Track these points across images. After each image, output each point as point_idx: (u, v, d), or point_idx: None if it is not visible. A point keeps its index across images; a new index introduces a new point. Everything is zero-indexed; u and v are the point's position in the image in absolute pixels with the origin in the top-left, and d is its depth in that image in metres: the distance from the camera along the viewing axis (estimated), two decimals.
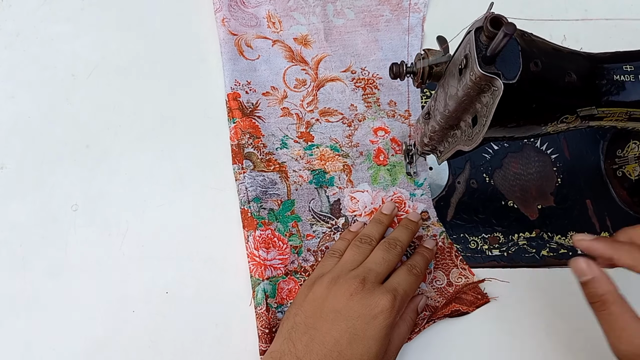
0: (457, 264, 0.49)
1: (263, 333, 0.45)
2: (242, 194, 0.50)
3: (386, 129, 0.54)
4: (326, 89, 0.56)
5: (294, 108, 0.55)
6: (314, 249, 0.50)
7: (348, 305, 0.40)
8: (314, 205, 0.51)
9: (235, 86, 0.54)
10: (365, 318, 0.40)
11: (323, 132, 0.54)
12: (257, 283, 0.47)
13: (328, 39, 0.58)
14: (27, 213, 0.50)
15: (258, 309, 0.46)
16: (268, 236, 0.48)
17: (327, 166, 0.53)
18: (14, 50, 0.56)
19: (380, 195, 0.52)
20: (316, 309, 0.41)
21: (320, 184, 0.52)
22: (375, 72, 0.57)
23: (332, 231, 0.50)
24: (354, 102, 0.55)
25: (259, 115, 0.54)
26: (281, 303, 0.47)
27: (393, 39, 0.58)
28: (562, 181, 0.53)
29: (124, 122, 0.54)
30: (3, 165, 0.52)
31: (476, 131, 0.37)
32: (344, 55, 0.57)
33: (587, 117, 0.39)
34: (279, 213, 0.50)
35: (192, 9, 0.59)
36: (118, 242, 0.49)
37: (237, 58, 0.56)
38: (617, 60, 0.39)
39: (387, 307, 0.40)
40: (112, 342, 0.46)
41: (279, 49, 0.57)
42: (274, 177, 0.51)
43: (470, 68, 0.34)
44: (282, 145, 0.53)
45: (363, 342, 0.39)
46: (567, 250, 0.51)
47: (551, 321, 0.49)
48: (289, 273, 0.48)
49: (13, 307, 0.47)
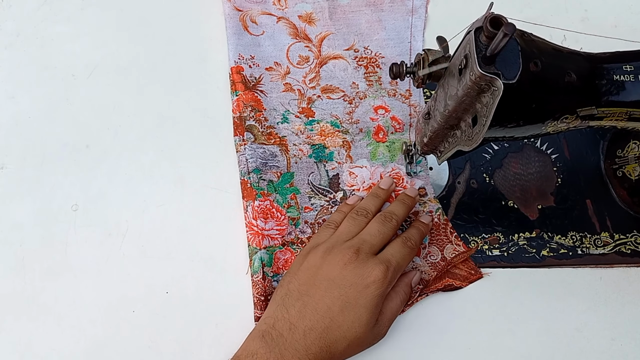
0: (451, 240, 0.50)
1: (258, 300, 0.46)
2: (242, 165, 0.51)
3: (386, 108, 0.55)
4: (329, 67, 0.57)
5: (296, 84, 0.56)
6: (311, 221, 0.50)
7: (341, 274, 0.41)
8: (312, 179, 0.52)
9: (238, 60, 0.55)
10: (357, 287, 0.41)
11: (324, 108, 0.55)
12: (254, 252, 0.48)
13: (332, 17, 0.59)
14: (27, 213, 0.50)
15: (255, 276, 0.47)
16: (267, 207, 0.49)
17: (326, 141, 0.53)
18: (14, 51, 0.56)
19: (378, 171, 0.53)
20: (310, 277, 0.42)
21: (320, 159, 0.53)
22: (377, 51, 0.58)
23: (330, 204, 0.51)
24: (356, 80, 0.56)
25: (261, 90, 0.55)
26: (277, 272, 0.48)
27: (397, 19, 0.59)
28: (562, 181, 0.53)
29: (124, 122, 0.54)
30: (3, 165, 0.52)
31: (476, 131, 0.37)
32: (347, 34, 0.59)
33: (587, 117, 0.39)
34: (278, 185, 0.51)
35: (193, 9, 0.59)
36: (118, 242, 0.49)
37: (241, 33, 0.57)
38: (617, 60, 0.39)
39: (379, 277, 0.41)
40: (112, 342, 0.46)
41: (283, 25, 0.58)
42: (274, 149, 0.52)
43: (470, 68, 0.34)
44: (283, 119, 0.54)
45: (354, 310, 0.40)
46: (567, 250, 0.51)
47: (551, 321, 0.49)
48: (285, 244, 0.49)
49: (13, 307, 0.47)
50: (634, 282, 0.51)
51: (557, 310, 0.49)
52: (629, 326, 0.49)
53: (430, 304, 0.49)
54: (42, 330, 0.46)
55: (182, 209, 0.51)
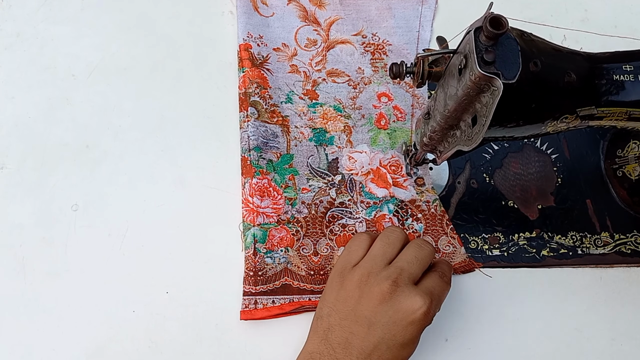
0: (447, 232, 0.50)
1: (247, 275, 0.47)
2: (244, 142, 0.52)
3: (390, 96, 0.56)
4: (335, 51, 0.57)
5: (302, 66, 0.56)
6: (308, 202, 0.51)
7: (382, 310, 0.39)
8: (312, 162, 0.53)
9: (247, 38, 0.56)
10: (402, 323, 0.39)
11: (328, 91, 0.56)
12: (247, 228, 0.48)
13: (342, 2, 0.60)
14: (27, 213, 0.50)
15: (246, 252, 0.48)
16: (264, 185, 0.50)
17: (328, 125, 0.54)
18: (14, 51, 0.56)
19: (378, 157, 0.53)
20: (350, 312, 0.40)
21: (320, 142, 0.53)
22: (385, 38, 0.59)
23: (328, 187, 0.52)
24: (362, 66, 0.57)
25: (267, 68, 0.55)
26: (271, 249, 0.48)
27: (406, 8, 0.60)
28: (562, 181, 0.53)
29: (124, 123, 0.54)
30: (3, 166, 0.52)
31: (476, 131, 0.37)
32: (356, 20, 0.59)
33: (587, 117, 0.39)
34: (277, 165, 0.51)
35: (193, 9, 0.59)
36: (118, 243, 0.49)
37: (251, 12, 0.57)
38: (616, 60, 0.39)
39: (423, 310, 0.39)
40: (112, 343, 0.46)
41: (293, 8, 0.59)
42: (276, 129, 0.53)
43: (469, 68, 0.34)
44: (287, 99, 0.55)
45: (401, 348, 0.39)
46: (567, 250, 0.51)
47: (551, 321, 0.49)
48: (281, 222, 0.49)
49: (13, 308, 0.47)
50: (634, 282, 0.51)
51: (557, 310, 0.49)
52: (629, 326, 0.49)
53: None
54: (42, 331, 0.46)
55: (182, 209, 0.51)
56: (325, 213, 0.51)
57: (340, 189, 0.52)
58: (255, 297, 0.46)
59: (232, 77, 0.56)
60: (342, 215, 0.51)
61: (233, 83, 0.56)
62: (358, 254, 0.43)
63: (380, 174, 0.53)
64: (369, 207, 0.51)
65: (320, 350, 0.40)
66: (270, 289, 0.47)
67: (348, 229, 0.50)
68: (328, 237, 0.50)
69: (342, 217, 0.51)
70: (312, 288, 0.47)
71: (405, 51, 0.58)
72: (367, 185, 0.52)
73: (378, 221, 0.51)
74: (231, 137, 0.53)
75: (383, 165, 0.53)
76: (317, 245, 0.49)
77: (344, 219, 0.51)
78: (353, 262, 0.43)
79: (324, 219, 0.50)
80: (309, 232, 0.50)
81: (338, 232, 0.50)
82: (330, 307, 0.42)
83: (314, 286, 0.48)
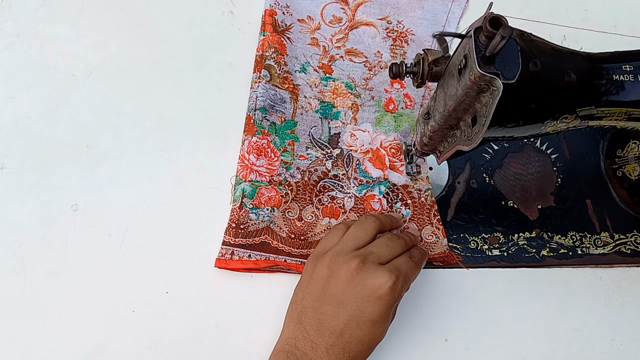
0: (432, 222, 0.51)
1: (230, 226, 0.48)
2: (252, 101, 0.53)
3: (402, 84, 0.57)
4: (358, 31, 0.59)
5: (322, 40, 0.58)
6: (303, 168, 0.52)
7: (350, 287, 0.40)
8: (314, 132, 0.54)
9: (274, 5, 0.57)
10: (370, 299, 0.40)
11: (343, 68, 0.57)
12: (238, 182, 0.50)
13: None
14: (27, 213, 0.50)
15: (233, 204, 0.49)
16: (263, 145, 0.51)
17: (336, 101, 0.55)
18: (14, 51, 0.56)
19: (380, 138, 0.54)
20: (320, 292, 0.41)
21: (326, 115, 0.54)
22: (410, 27, 0.59)
23: (325, 158, 0.53)
24: (381, 50, 0.58)
25: (288, 37, 0.56)
26: (257, 206, 0.49)
27: (436, 2, 0.61)
28: (562, 181, 0.53)
29: (124, 123, 0.54)
30: (3, 166, 0.52)
31: (476, 131, 0.37)
32: (384, 5, 0.60)
33: (587, 117, 0.39)
34: (280, 128, 0.52)
35: (193, 9, 0.59)
36: (118, 243, 0.49)
37: None
38: (616, 60, 0.39)
39: (389, 285, 0.40)
40: (112, 343, 0.46)
41: None
42: (285, 95, 0.54)
43: (469, 68, 0.34)
44: (301, 69, 0.56)
45: (372, 324, 0.40)
46: (567, 250, 0.51)
47: (551, 321, 0.49)
48: (272, 182, 0.50)
49: (13, 308, 0.47)
50: (634, 282, 0.51)
51: (557, 310, 0.49)
52: (629, 326, 0.49)
53: (430, 303, 0.49)
54: (42, 331, 0.46)
55: (182, 209, 0.51)
56: (318, 182, 0.51)
57: (337, 162, 0.53)
58: (233, 248, 0.48)
59: (232, 77, 0.56)
60: (334, 187, 0.52)
61: (233, 83, 0.56)
62: (333, 240, 0.45)
63: (379, 155, 0.53)
64: (361, 184, 0.52)
65: (295, 335, 0.41)
66: (249, 243, 0.48)
67: (336, 201, 0.51)
68: (315, 205, 0.51)
69: (333, 189, 0.51)
70: (290, 250, 0.49)
71: (427, 43, 0.58)
72: (363, 164, 0.53)
73: (367, 200, 0.51)
74: (231, 137, 0.53)
75: (383, 147, 0.53)
76: (303, 211, 0.50)
77: (334, 191, 0.51)
78: (328, 248, 0.44)
79: (315, 187, 0.51)
80: (298, 197, 0.51)
81: (326, 202, 0.51)
82: (304, 290, 0.43)
83: (292, 249, 0.49)
